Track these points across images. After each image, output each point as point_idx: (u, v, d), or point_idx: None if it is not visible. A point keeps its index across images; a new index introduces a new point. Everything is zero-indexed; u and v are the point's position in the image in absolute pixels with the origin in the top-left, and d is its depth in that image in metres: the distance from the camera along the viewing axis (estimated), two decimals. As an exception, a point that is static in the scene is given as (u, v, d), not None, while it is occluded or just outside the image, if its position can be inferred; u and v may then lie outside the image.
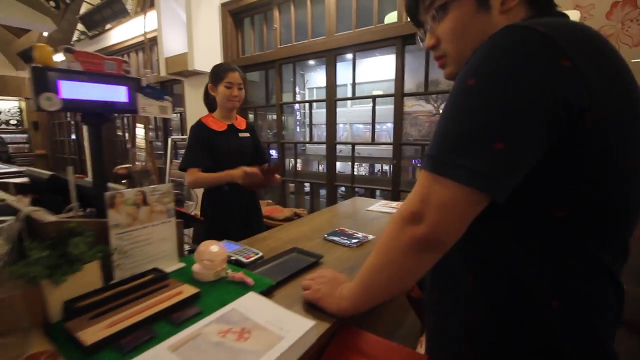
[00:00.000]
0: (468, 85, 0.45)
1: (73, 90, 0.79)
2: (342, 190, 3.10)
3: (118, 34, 4.53)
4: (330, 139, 2.87)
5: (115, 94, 0.86)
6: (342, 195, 3.54)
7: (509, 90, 0.42)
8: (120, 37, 4.49)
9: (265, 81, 3.33)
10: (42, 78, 0.74)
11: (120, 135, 5.17)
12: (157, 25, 3.27)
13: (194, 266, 0.83)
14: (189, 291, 0.73)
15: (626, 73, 0.45)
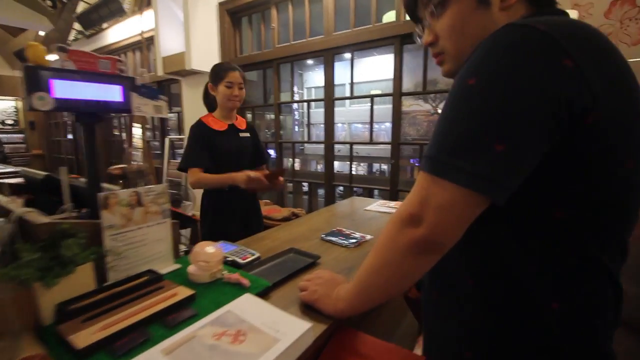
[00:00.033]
0: (468, 85, 0.44)
1: (66, 90, 0.77)
2: (341, 190, 3.10)
3: (115, 34, 4.51)
4: (329, 139, 2.86)
5: (109, 93, 0.84)
6: (341, 194, 3.54)
7: (510, 90, 0.41)
8: (118, 37, 4.47)
9: (263, 81, 3.32)
10: (35, 77, 0.72)
11: (118, 135, 5.15)
12: (154, 24, 3.26)
13: (190, 267, 0.82)
14: (184, 293, 0.72)
15: (626, 71, 0.45)
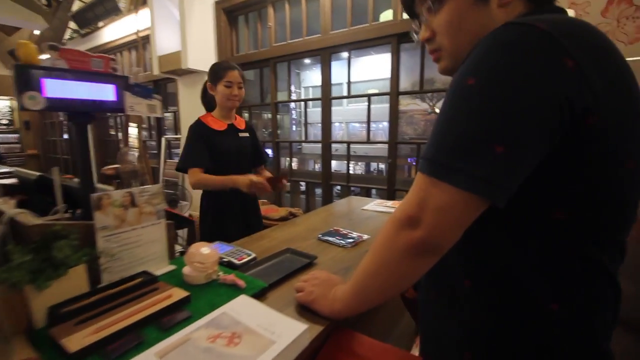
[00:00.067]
0: (467, 85, 0.43)
1: (58, 89, 0.76)
2: (338, 189, 3.09)
3: (111, 32, 4.48)
4: (326, 138, 2.86)
5: (102, 92, 0.83)
6: (338, 194, 3.53)
7: (510, 91, 0.40)
8: (113, 36, 4.44)
9: (260, 80, 3.30)
10: (25, 76, 0.71)
11: (114, 134, 5.12)
12: (150, 23, 3.23)
13: (185, 269, 0.81)
14: (178, 295, 0.71)
15: (626, 70, 0.44)
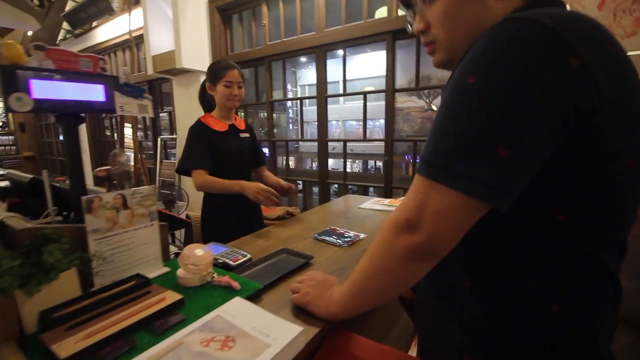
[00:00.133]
0: (468, 84, 0.41)
1: (46, 90, 0.74)
2: (335, 187, 3.08)
3: (104, 32, 4.44)
4: (322, 136, 2.84)
5: (91, 92, 0.81)
6: (335, 192, 3.52)
7: (514, 91, 0.38)
8: (107, 35, 4.40)
9: (255, 78, 3.29)
10: (11, 77, 0.70)
11: (109, 135, 5.08)
12: (143, 22, 3.21)
13: (179, 271, 0.80)
14: (172, 298, 0.70)
15: (628, 65, 0.43)
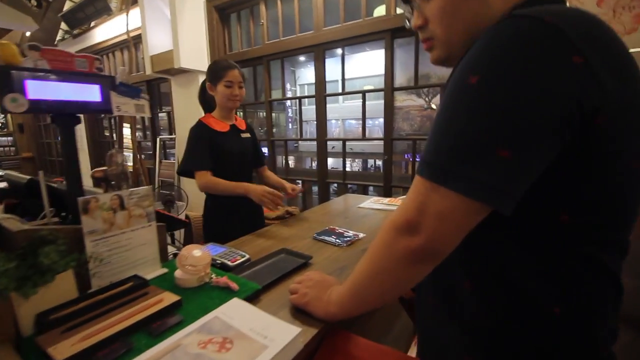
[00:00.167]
0: (468, 84, 0.41)
1: (41, 90, 0.74)
2: (335, 187, 3.08)
3: (102, 33, 4.42)
4: (321, 136, 2.84)
5: (87, 93, 0.81)
6: (335, 191, 3.51)
7: (515, 91, 0.38)
8: (105, 36, 4.38)
9: (253, 78, 3.28)
10: (6, 78, 0.69)
11: (109, 135, 5.07)
12: (141, 22, 3.19)
13: (176, 272, 0.79)
14: (169, 299, 0.69)
15: (630, 63, 0.42)
